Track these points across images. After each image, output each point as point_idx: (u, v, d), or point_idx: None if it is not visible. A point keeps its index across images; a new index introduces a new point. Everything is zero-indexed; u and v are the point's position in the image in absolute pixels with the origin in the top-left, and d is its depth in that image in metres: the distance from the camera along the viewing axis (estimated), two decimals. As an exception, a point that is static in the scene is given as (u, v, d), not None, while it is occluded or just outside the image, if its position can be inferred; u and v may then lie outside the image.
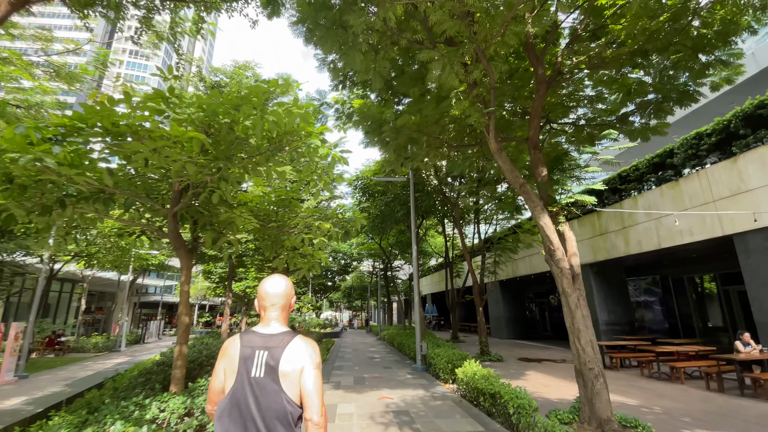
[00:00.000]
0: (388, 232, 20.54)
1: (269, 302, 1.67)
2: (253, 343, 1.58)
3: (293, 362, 1.54)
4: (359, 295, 48.55)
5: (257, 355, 1.54)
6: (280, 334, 1.61)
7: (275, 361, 1.53)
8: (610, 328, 13.67)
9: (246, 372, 1.53)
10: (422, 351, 9.85)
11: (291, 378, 1.52)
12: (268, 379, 1.51)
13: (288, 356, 1.55)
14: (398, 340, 15.44)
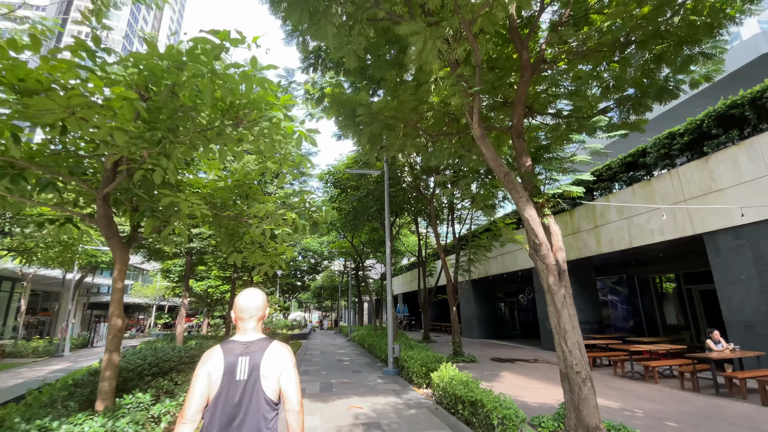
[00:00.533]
0: (360, 230, 19.91)
1: (247, 315, 1.83)
2: (234, 351, 1.74)
3: (272, 364, 1.73)
4: (329, 295, 47.53)
5: (240, 361, 1.71)
6: (258, 340, 1.80)
7: (256, 364, 1.71)
8: (579, 326, 13.68)
9: (231, 376, 1.67)
10: (394, 353, 9.31)
11: (271, 379, 1.71)
12: (252, 380, 1.69)
13: (267, 360, 1.73)
14: (369, 342, 14.85)
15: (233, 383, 1.66)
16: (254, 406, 1.66)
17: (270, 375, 1.70)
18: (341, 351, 15.94)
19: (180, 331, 13.17)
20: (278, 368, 1.73)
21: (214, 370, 1.68)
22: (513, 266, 17.05)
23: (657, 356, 8.97)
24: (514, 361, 11.77)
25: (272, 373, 1.71)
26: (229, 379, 1.67)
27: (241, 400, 1.65)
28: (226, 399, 1.65)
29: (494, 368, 10.33)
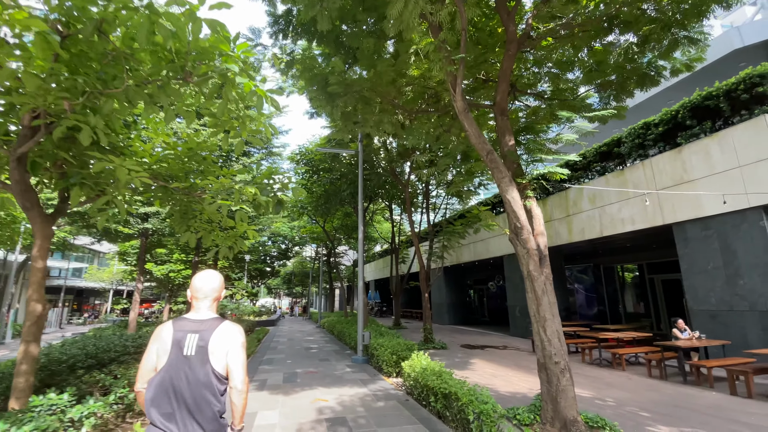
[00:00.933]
0: (332, 215, 19.31)
1: (201, 295, 1.93)
2: (184, 327, 1.83)
3: (221, 342, 1.83)
4: (300, 282, 46.74)
5: (188, 338, 1.80)
6: (210, 319, 1.89)
7: (205, 342, 1.80)
8: (548, 314, 13.88)
9: (179, 351, 1.78)
10: (364, 341, 8.94)
11: (218, 356, 1.81)
12: (198, 356, 1.78)
13: (216, 338, 1.83)
14: (338, 328, 14.46)
15: (180, 357, 1.77)
16: (201, 380, 1.75)
17: (218, 352, 1.80)
18: (309, 338, 15.48)
19: (133, 318, 12.24)
20: (226, 346, 1.82)
21: (163, 344, 1.80)
22: (485, 254, 17.07)
23: (623, 344, 9.09)
24: (485, 347, 11.74)
25: (220, 351, 1.81)
26: (176, 352, 1.77)
27: (186, 373, 1.75)
28: (170, 371, 1.76)
29: (465, 355, 10.21)
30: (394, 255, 19.87)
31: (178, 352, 1.76)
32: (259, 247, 31.96)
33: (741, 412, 4.90)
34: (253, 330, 16.37)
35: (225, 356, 1.80)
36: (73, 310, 40.62)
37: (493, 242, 16.47)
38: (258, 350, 11.43)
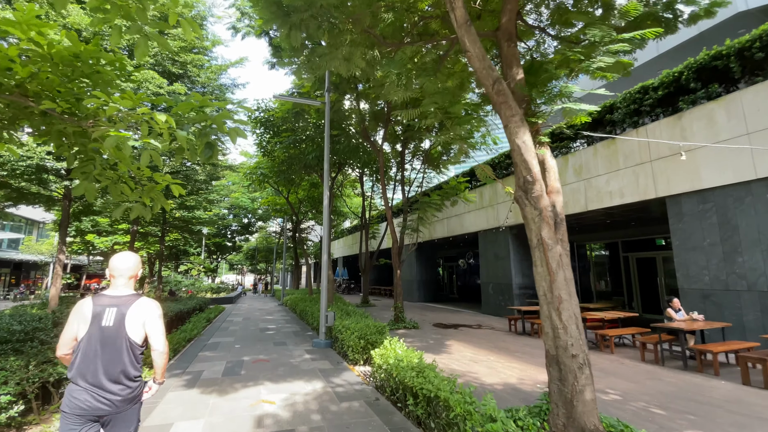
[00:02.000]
0: (297, 184, 17.67)
1: (118, 273, 2.21)
2: (103, 302, 2.12)
3: (137, 315, 2.13)
4: (264, 258, 44.77)
5: (107, 311, 2.09)
6: (128, 295, 2.18)
7: (122, 315, 2.10)
8: (522, 292, 13.32)
9: (98, 323, 2.06)
10: (327, 322, 7.76)
11: (135, 326, 2.12)
12: (115, 327, 2.08)
13: (134, 311, 2.13)
14: (301, 307, 13.22)
15: (99, 328, 2.07)
16: (118, 346, 2.07)
17: (135, 323, 2.13)
18: (269, 317, 14.15)
19: (54, 294, 10.35)
20: (143, 318, 2.15)
21: (83, 316, 2.09)
22: (459, 229, 16.23)
23: (607, 324, 8.48)
24: (458, 327, 10.94)
25: (137, 322, 2.13)
26: (96, 324, 2.07)
27: (105, 341, 2.05)
28: (90, 340, 2.05)
29: (439, 335, 9.32)
30: (364, 230, 18.67)
31: (98, 323, 2.07)
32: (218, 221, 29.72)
33: None
34: (204, 308, 14.78)
35: (142, 326, 2.15)
36: (10, 284, 36.73)
37: (468, 218, 15.61)
38: (204, 332, 9.99)
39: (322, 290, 8.05)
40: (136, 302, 2.14)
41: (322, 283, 8.12)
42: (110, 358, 2.03)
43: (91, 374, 2.00)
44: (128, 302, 2.12)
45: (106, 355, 2.03)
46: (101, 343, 2.03)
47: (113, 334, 2.05)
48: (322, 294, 8.03)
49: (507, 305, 13.25)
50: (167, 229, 23.91)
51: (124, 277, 2.18)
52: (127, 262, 2.20)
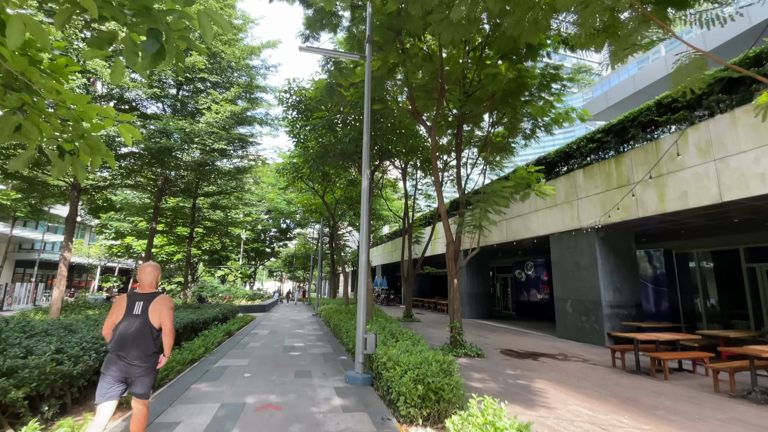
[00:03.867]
0: (333, 182, 15.87)
1: (141, 281, 3.14)
2: (134, 298, 3.06)
3: (156, 306, 3.06)
4: (302, 265, 43.76)
5: (137, 304, 3.04)
6: (150, 293, 3.12)
7: (146, 306, 3.04)
8: (615, 311, 10.38)
9: (130, 312, 3.00)
10: (366, 348, 5.55)
11: (154, 314, 3.03)
12: (141, 315, 3.01)
13: (153, 305, 3.06)
14: (335, 320, 11.16)
15: (131, 315, 3.00)
16: (143, 329, 2.98)
17: (154, 313, 3.03)
18: (299, 331, 12.21)
19: (57, 298, 9.03)
20: (159, 309, 3.06)
21: (121, 307, 3.04)
22: (523, 233, 13.53)
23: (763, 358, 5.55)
24: (537, 357, 8.31)
25: (155, 312, 3.04)
26: (129, 312, 3.01)
27: (134, 324, 2.97)
28: (125, 324, 2.97)
29: (516, 370, 6.81)
30: (407, 234, 16.44)
31: (130, 312, 3.01)
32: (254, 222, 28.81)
33: None
34: (230, 317, 13.14)
35: (158, 315, 3.05)
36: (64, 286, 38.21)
37: (535, 218, 12.90)
38: (217, 350, 8.14)
39: (359, 302, 5.88)
40: (155, 298, 3.09)
41: (359, 292, 5.95)
42: (136, 337, 2.95)
43: (122, 348, 2.91)
44: (150, 298, 3.08)
45: (133, 334, 2.95)
46: (131, 326, 2.96)
47: (139, 320, 3.00)
48: (360, 308, 5.86)
49: (594, 328, 10.37)
50: (204, 234, 23.20)
51: (146, 282, 3.13)
52: (147, 275, 3.14)
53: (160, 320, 3.03)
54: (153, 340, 3.00)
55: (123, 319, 2.96)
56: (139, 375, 2.91)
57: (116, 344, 2.90)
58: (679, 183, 8.39)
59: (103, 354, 4.68)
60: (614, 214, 9.85)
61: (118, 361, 2.86)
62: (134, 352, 2.89)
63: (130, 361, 2.87)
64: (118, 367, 2.86)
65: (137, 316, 2.98)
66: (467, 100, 9.16)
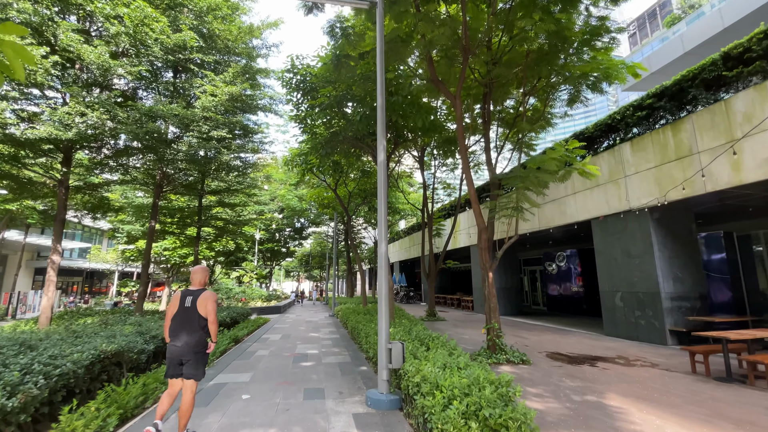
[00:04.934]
0: (344, 173, 14.75)
1: (192, 279, 3.79)
2: (186, 293, 3.64)
3: (202, 300, 3.58)
4: (318, 263, 42.98)
5: (187, 298, 3.58)
6: (198, 290, 3.69)
7: (194, 300, 3.58)
8: (677, 304, 8.92)
9: (183, 305, 3.56)
10: (391, 361, 4.37)
11: (202, 306, 3.54)
12: (191, 307, 3.55)
13: (200, 298, 3.59)
14: (353, 321, 10.05)
15: (183, 307, 3.57)
16: (192, 319, 3.52)
17: (201, 305, 3.55)
18: (313, 335, 11.15)
19: (46, 306, 8.18)
20: (205, 302, 3.57)
21: (176, 301, 3.62)
22: (558, 219, 12.11)
23: None
24: (593, 362, 6.98)
25: (202, 304, 3.56)
26: (182, 305, 3.58)
27: (186, 316, 3.54)
28: (180, 315, 3.56)
29: (576, 382, 5.52)
30: (428, 226, 15.19)
31: (183, 305, 3.58)
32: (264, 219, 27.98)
33: None
34: (240, 321, 12.16)
35: (204, 307, 3.56)
36: (83, 292, 38.59)
37: (573, 202, 11.48)
38: (219, 360, 7.11)
39: (381, 304, 4.69)
40: (202, 293, 3.63)
41: (379, 291, 4.75)
42: (188, 326, 3.50)
43: (177, 335, 3.50)
44: (198, 293, 3.63)
45: (186, 324, 3.50)
46: (183, 317, 3.53)
47: (190, 312, 3.53)
48: (381, 312, 4.66)
49: (651, 324, 8.93)
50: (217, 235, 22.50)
51: (196, 281, 3.77)
52: (196, 276, 3.79)
53: (206, 311, 3.56)
54: (201, 328, 3.55)
55: (177, 311, 3.57)
56: (190, 358, 3.44)
57: (172, 332, 3.53)
58: (762, 147, 6.89)
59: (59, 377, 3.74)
60: (676, 191, 8.37)
61: (173, 346, 3.47)
62: (185, 338, 3.46)
63: (182, 345, 3.44)
64: (174, 351, 3.45)
65: (188, 308, 3.54)
66: (495, 65, 7.84)
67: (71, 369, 3.98)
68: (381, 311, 4.65)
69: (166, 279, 26.15)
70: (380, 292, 4.72)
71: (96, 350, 4.50)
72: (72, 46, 6.86)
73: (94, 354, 4.43)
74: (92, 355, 4.38)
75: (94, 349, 4.51)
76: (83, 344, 4.75)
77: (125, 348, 4.99)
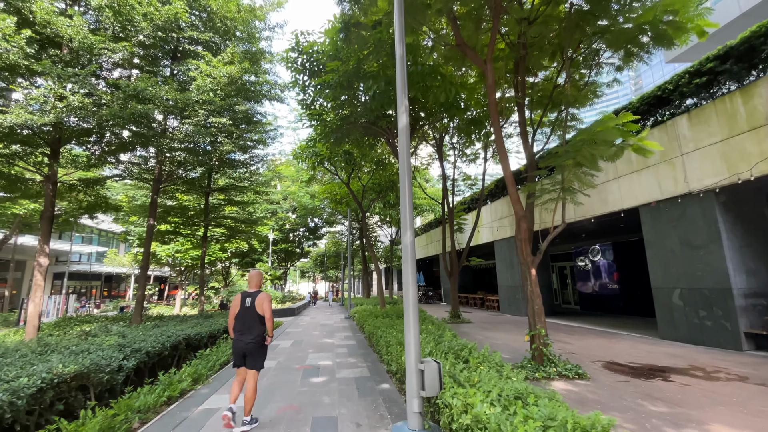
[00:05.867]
0: (357, 165, 13.74)
1: (249, 282, 4.37)
2: (245, 295, 4.21)
3: (260, 300, 4.14)
4: (333, 263, 42.18)
5: (247, 299, 4.16)
6: (255, 291, 4.27)
7: (253, 300, 4.14)
8: (751, 302, 7.54)
9: (244, 305, 4.12)
10: (424, 388, 3.27)
11: (259, 305, 4.10)
12: (251, 306, 4.11)
13: (258, 299, 4.15)
14: (371, 326, 8.98)
15: (244, 307, 4.14)
16: (252, 317, 4.09)
17: (258, 305, 4.13)
18: (327, 341, 10.15)
19: (32, 314, 7.39)
20: (262, 301, 4.15)
21: (238, 302, 4.19)
22: (598, 208, 10.78)
23: None
24: (663, 374, 5.72)
25: (259, 304, 4.13)
26: (243, 305, 4.15)
27: (247, 314, 4.11)
28: (241, 313, 4.13)
29: (654, 402, 4.32)
30: (448, 220, 14.02)
31: (243, 305, 4.15)
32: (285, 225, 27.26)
33: None
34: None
35: (261, 306, 4.13)
36: (102, 296, 38.82)
37: (615, 187, 10.15)
38: (216, 377, 6.15)
39: (408, 310, 3.59)
40: (259, 294, 4.20)
41: (405, 295, 3.64)
42: (249, 323, 4.09)
43: (240, 331, 4.08)
44: (255, 294, 4.20)
45: (247, 321, 4.10)
46: (245, 315, 4.12)
47: (250, 310, 4.12)
48: (408, 321, 3.57)
49: (721, 325, 7.58)
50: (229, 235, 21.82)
51: (252, 284, 4.35)
52: (253, 279, 4.37)
53: (263, 310, 4.14)
54: (260, 324, 4.14)
55: (239, 310, 4.17)
56: (251, 350, 4.05)
57: (236, 329, 4.15)
58: None
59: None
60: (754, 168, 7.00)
61: (238, 341, 4.08)
62: (247, 333, 4.08)
63: (245, 339, 4.05)
64: (238, 345, 4.07)
65: (248, 308, 4.14)
66: (531, 24, 6.65)
67: (5, 401, 3.03)
68: (408, 321, 3.56)
69: (179, 282, 25.71)
70: (407, 296, 3.63)
71: (49, 373, 3.55)
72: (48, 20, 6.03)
73: (45, 378, 3.48)
74: (42, 380, 3.44)
75: (47, 372, 3.57)
76: (43, 363, 3.83)
77: (91, 368, 4.05)
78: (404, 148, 3.74)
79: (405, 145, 3.74)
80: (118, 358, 4.65)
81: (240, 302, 4.14)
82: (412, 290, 3.60)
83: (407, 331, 3.53)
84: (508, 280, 16.03)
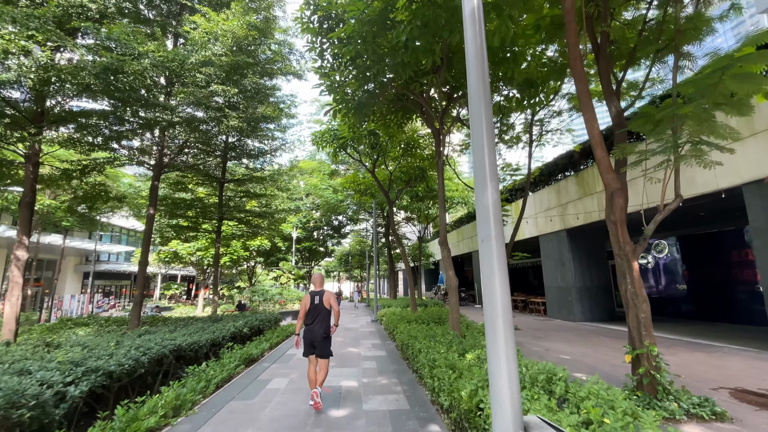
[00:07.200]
0: (383, 152, 12.22)
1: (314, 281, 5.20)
2: (313, 293, 4.97)
3: (326, 297, 4.95)
4: (358, 263, 40.84)
5: (315, 297, 4.93)
6: (320, 290, 5.04)
7: (321, 297, 4.93)
8: None
9: (313, 301, 4.90)
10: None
11: (326, 302, 4.93)
12: (320, 303, 4.90)
13: (325, 296, 4.95)
14: (403, 334, 7.41)
15: (314, 304, 4.88)
16: (322, 313, 4.85)
17: (326, 300, 4.90)
18: (352, 350, 8.65)
19: (9, 316, 6.29)
20: (328, 298, 4.93)
21: (307, 299, 4.93)
22: (686, 188, 8.70)
23: None
24: None
25: (326, 300, 4.90)
26: (312, 302, 4.88)
27: (317, 311, 4.85)
28: (312, 310, 4.86)
29: None
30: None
31: (313, 302, 4.86)
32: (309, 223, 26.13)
33: None
34: (263, 331, 9.93)
35: (328, 302, 4.89)
36: (131, 295, 39.24)
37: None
38: (207, 402, 4.77)
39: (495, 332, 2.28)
40: (325, 292, 4.93)
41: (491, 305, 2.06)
42: (318, 318, 4.80)
43: (311, 324, 4.78)
44: (321, 293, 4.91)
45: (317, 316, 4.80)
46: (315, 310, 4.83)
47: (319, 306, 4.84)
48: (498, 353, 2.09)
49: None
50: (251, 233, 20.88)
51: (317, 283, 5.11)
52: (317, 280, 5.16)
53: (330, 304, 4.90)
54: (328, 318, 4.86)
55: (309, 307, 4.85)
56: (319, 340, 4.76)
57: (306, 322, 4.83)
58: None
59: None
60: None
61: (308, 333, 4.78)
62: (317, 325, 4.78)
63: (315, 331, 4.76)
64: (308, 336, 4.78)
65: (317, 305, 4.84)
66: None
67: None
68: (498, 353, 1.96)
69: (202, 280, 25.06)
70: (492, 305, 2.04)
71: None
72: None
73: None
74: None
75: None
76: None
77: None
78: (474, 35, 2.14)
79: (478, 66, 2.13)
80: (57, 382, 3.29)
81: (310, 300, 4.88)
82: (501, 294, 1.99)
83: (495, 370, 1.92)
84: (557, 281, 14.04)
